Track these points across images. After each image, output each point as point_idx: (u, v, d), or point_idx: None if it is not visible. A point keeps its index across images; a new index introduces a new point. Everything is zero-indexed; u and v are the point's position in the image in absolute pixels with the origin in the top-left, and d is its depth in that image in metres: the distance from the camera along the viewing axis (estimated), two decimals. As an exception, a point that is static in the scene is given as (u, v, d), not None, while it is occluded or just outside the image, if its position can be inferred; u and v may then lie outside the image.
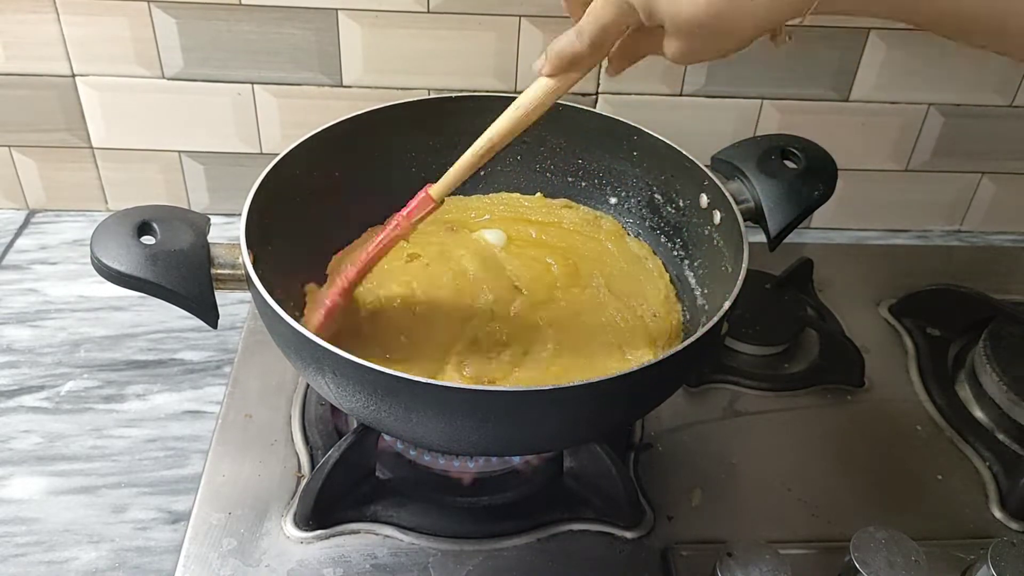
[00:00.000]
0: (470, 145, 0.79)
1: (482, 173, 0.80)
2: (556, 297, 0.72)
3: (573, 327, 0.68)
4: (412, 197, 0.62)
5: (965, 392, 0.81)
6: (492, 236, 0.76)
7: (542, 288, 0.72)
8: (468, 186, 0.80)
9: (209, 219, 0.62)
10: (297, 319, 0.56)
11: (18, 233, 0.95)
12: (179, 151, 0.95)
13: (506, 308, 0.69)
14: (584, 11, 0.52)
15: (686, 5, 0.46)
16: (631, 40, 0.54)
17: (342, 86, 0.91)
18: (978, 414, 0.79)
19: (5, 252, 0.93)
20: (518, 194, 0.82)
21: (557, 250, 0.76)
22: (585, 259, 0.75)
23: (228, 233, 0.62)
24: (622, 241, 0.78)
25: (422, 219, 0.60)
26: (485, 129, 0.78)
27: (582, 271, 0.74)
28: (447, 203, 0.63)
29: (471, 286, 0.71)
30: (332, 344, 0.52)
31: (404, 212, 0.61)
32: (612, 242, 0.78)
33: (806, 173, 0.70)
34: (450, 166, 0.81)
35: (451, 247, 0.75)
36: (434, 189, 0.60)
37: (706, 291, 0.71)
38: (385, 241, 0.62)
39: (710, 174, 0.70)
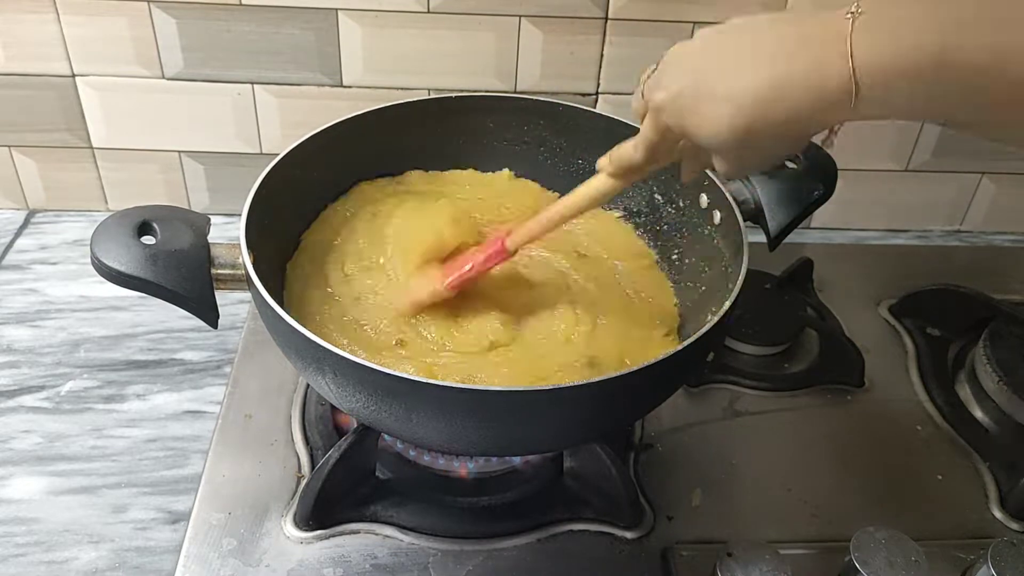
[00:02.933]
0: (470, 145, 0.80)
1: (483, 175, 0.82)
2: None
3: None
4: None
5: (965, 392, 0.81)
6: None
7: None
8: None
9: (209, 219, 0.62)
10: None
11: (18, 233, 0.95)
12: (179, 151, 0.95)
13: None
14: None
15: (711, 129, 0.48)
16: (691, 151, 0.57)
17: (342, 86, 0.91)
18: (978, 414, 0.79)
19: (5, 252, 0.93)
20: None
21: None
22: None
23: (228, 233, 0.62)
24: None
25: (495, 264, 0.65)
26: (485, 129, 0.80)
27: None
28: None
29: None
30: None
31: (479, 258, 0.64)
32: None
33: (806, 173, 0.70)
34: (449, 166, 0.81)
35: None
36: (510, 241, 0.64)
37: (706, 291, 0.71)
38: (457, 282, 0.65)
39: (710, 174, 0.70)
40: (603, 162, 0.59)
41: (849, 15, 0.44)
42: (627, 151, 0.56)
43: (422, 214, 0.71)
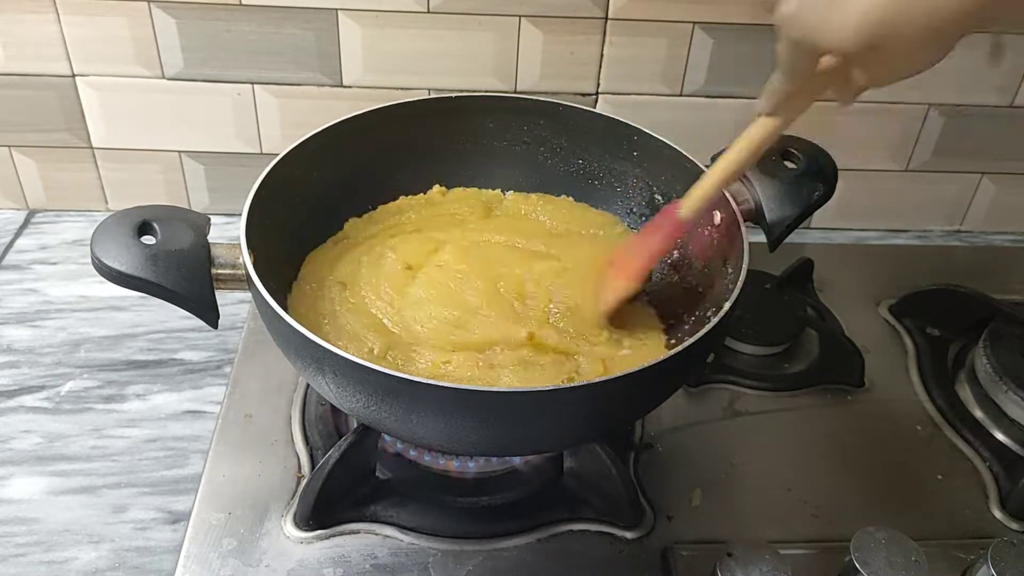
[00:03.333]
0: (470, 145, 0.80)
1: (483, 175, 0.82)
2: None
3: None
4: (412, 194, 0.68)
5: (965, 392, 0.81)
6: None
7: None
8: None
9: (209, 219, 0.62)
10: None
11: (18, 233, 0.95)
12: (179, 151, 0.95)
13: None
14: None
15: (839, 32, 0.44)
16: (837, 69, 0.52)
17: (342, 86, 0.91)
18: (978, 414, 0.79)
19: (5, 252, 0.93)
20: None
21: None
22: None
23: (228, 233, 0.62)
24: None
25: (677, 238, 0.66)
26: (485, 129, 0.80)
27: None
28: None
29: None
30: None
31: (656, 237, 0.65)
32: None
33: (806, 173, 0.70)
34: (449, 166, 0.81)
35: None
36: (683, 211, 0.63)
37: (706, 291, 0.71)
38: (644, 267, 0.66)
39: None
40: (760, 104, 0.56)
41: None
42: (774, 83, 0.54)
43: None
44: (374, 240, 0.74)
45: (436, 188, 0.80)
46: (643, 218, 0.79)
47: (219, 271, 0.59)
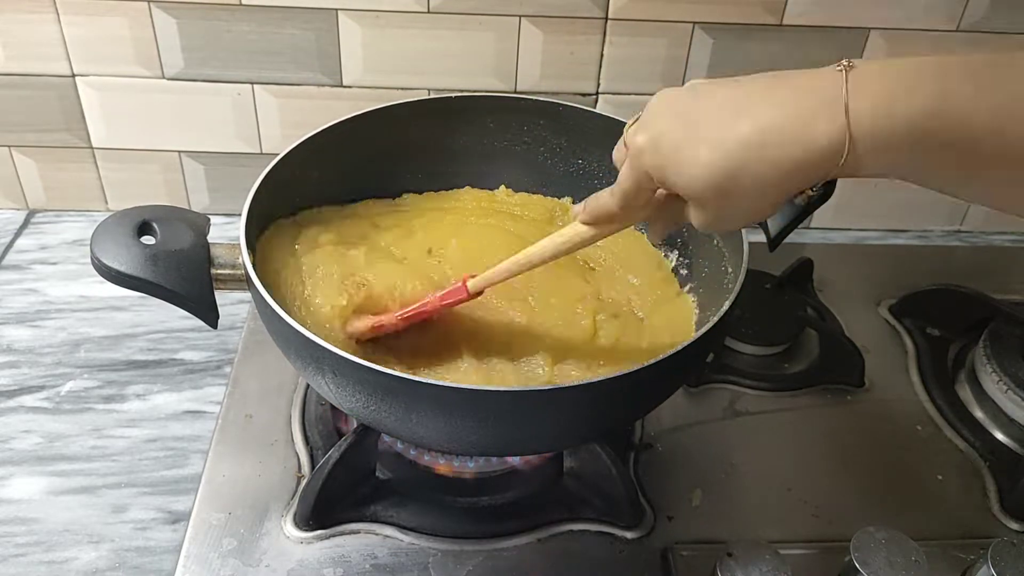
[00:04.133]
0: (470, 144, 0.80)
1: (483, 175, 0.82)
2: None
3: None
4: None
5: (965, 392, 0.81)
6: None
7: None
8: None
9: (209, 219, 0.62)
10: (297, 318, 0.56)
11: (18, 233, 0.95)
12: (179, 151, 0.95)
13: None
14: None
15: (690, 173, 0.46)
16: (667, 205, 0.54)
17: (342, 86, 0.91)
18: (978, 414, 0.79)
19: (5, 252, 0.93)
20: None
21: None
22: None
23: (228, 233, 0.62)
24: None
25: (452, 305, 0.62)
26: (485, 129, 0.80)
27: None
28: None
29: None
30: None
31: (438, 295, 0.62)
32: None
33: (806, 173, 0.70)
34: (449, 167, 0.81)
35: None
36: (472, 283, 0.61)
37: (706, 291, 0.71)
38: (411, 313, 0.63)
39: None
40: (577, 209, 0.57)
41: (840, 68, 0.43)
42: (603, 199, 0.54)
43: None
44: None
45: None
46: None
47: (219, 271, 0.59)
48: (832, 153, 0.42)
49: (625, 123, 0.75)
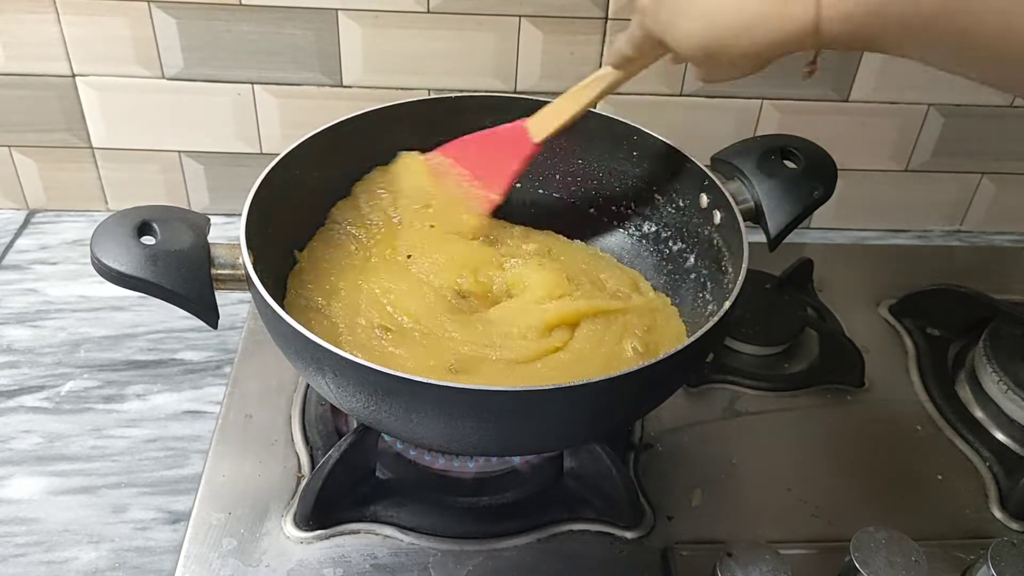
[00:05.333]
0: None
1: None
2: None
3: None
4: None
5: (965, 392, 0.81)
6: None
7: None
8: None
9: (209, 219, 0.62)
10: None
11: (18, 233, 0.95)
12: (179, 151, 0.95)
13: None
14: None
15: (682, 41, 0.54)
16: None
17: (342, 86, 0.91)
18: (978, 414, 0.79)
19: (5, 252, 0.93)
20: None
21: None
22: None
23: (228, 233, 0.62)
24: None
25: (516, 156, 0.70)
26: (485, 128, 0.79)
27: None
28: None
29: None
30: None
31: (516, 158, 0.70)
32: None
33: (806, 173, 0.70)
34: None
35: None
36: (533, 130, 0.70)
37: (706, 291, 0.71)
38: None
39: (710, 174, 0.70)
40: (609, 56, 0.65)
41: None
42: (620, 44, 0.62)
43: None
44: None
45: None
46: (643, 218, 0.79)
47: (219, 271, 0.59)
48: (804, 31, 0.47)
49: (625, 123, 0.76)
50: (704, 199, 0.71)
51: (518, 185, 0.82)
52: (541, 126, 0.70)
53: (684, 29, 0.53)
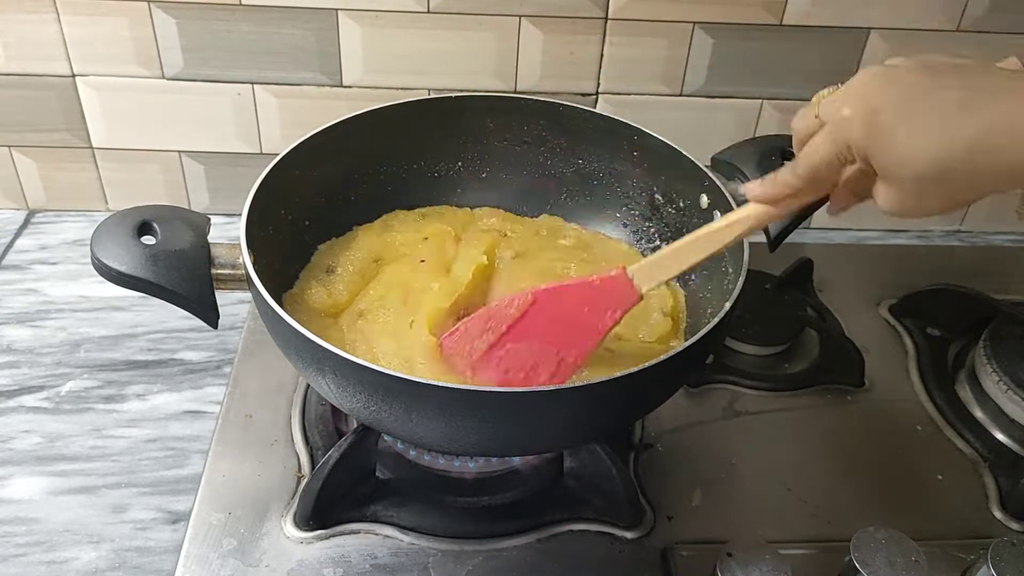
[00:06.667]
0: (470, 145, 0.80)
1: (484, 175, 0.81)
2: None
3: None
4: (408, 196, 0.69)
5: (965, 392, 0.81)
6: None
7: None
8: (471, 194, 0.81)
9: (209, 219, 0.62)
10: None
11: (18, 233, 0.95)
12: (179, 151, 0.95)
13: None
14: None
15: (902, 159, 0.45)
16: (854, 181, 0.53)
17: (342, 86, 0.91)
18: (978, 414, 0.79)
19: (5, 252, 0.93)
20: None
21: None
22: None
23: (228, 233, 0.62)
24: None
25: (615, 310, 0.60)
26: (485, 129, 0.80)
27: None
28: None
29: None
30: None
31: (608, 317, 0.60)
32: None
33: (806, 173, 0.69)
34: (448, 167, 0.80)
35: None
36: (638, 280, 0.59)
37: (706, 291, 0.71)
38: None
39: (710, 174, 0.70)
40: (751, 187, 0.55)
41: None
42: (784, 175, 0.53)
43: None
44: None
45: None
46: (643, 218, 0.79)
47: (219, 271, 0.59)
48: None
49: (625, 123, 0.76)
50: (704, 199, 0.71)
51: (517, 184, 0.82)
52: (651, 280, 0.60)
53: (906, 145, 0.44)
